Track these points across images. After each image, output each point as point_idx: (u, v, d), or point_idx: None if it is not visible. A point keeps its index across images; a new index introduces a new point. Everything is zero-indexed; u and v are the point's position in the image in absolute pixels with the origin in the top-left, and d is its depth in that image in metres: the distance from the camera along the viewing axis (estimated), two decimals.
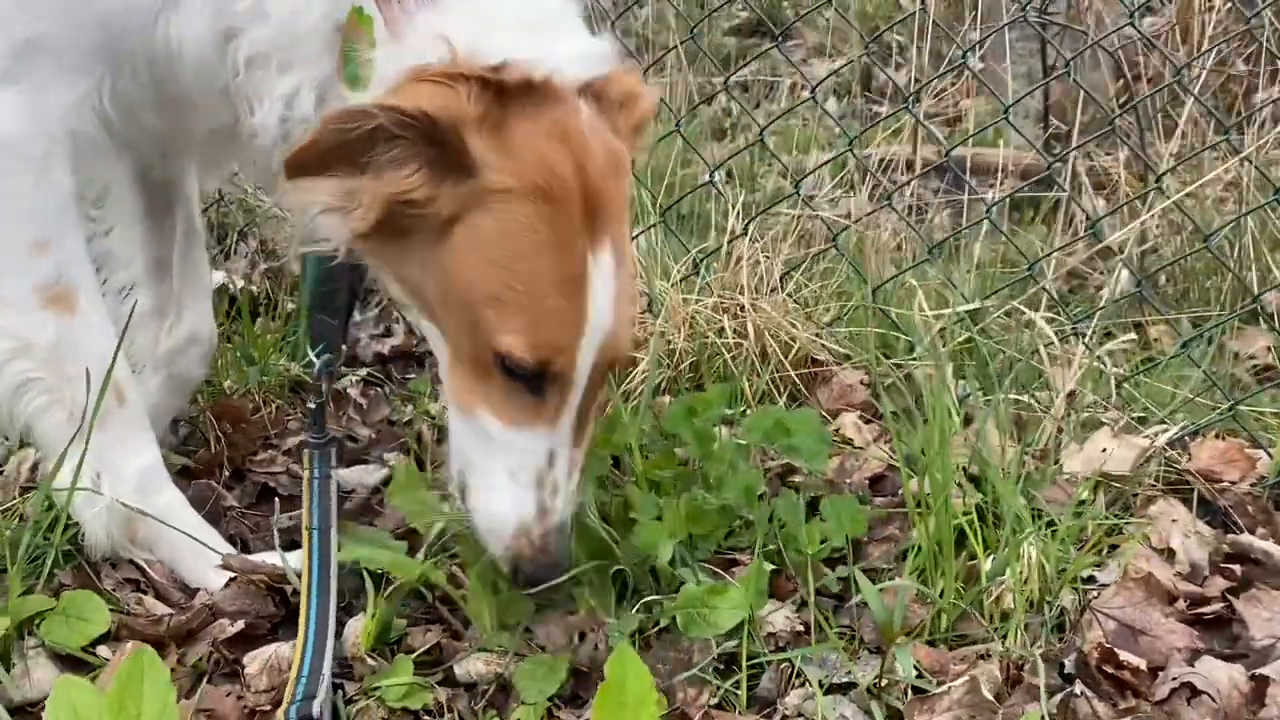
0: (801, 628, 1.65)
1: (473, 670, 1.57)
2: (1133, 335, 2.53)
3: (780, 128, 3.84)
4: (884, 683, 1.53)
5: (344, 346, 1.82)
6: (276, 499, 2.01)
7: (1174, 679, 1.53)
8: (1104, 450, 1.97)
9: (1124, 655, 1.56)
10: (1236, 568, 1.78)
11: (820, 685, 1.52)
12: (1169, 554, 1.79)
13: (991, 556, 1.70)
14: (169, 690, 1.26)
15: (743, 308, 2.37)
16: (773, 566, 1.73)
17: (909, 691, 1.52)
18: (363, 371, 2.61)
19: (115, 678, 1.28)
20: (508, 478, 1.53)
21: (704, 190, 2.96)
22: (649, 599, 1.66)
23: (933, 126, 3.91)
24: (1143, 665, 1.55)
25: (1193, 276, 3.01)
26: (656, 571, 1.70)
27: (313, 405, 1.81)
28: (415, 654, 1.59)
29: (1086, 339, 2.25)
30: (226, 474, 2.08)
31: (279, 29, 1.53)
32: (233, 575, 1.70)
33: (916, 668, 1.54)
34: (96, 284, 1.71)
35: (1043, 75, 3.79)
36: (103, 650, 1.58)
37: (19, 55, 1.52)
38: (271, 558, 1.73)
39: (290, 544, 1.82)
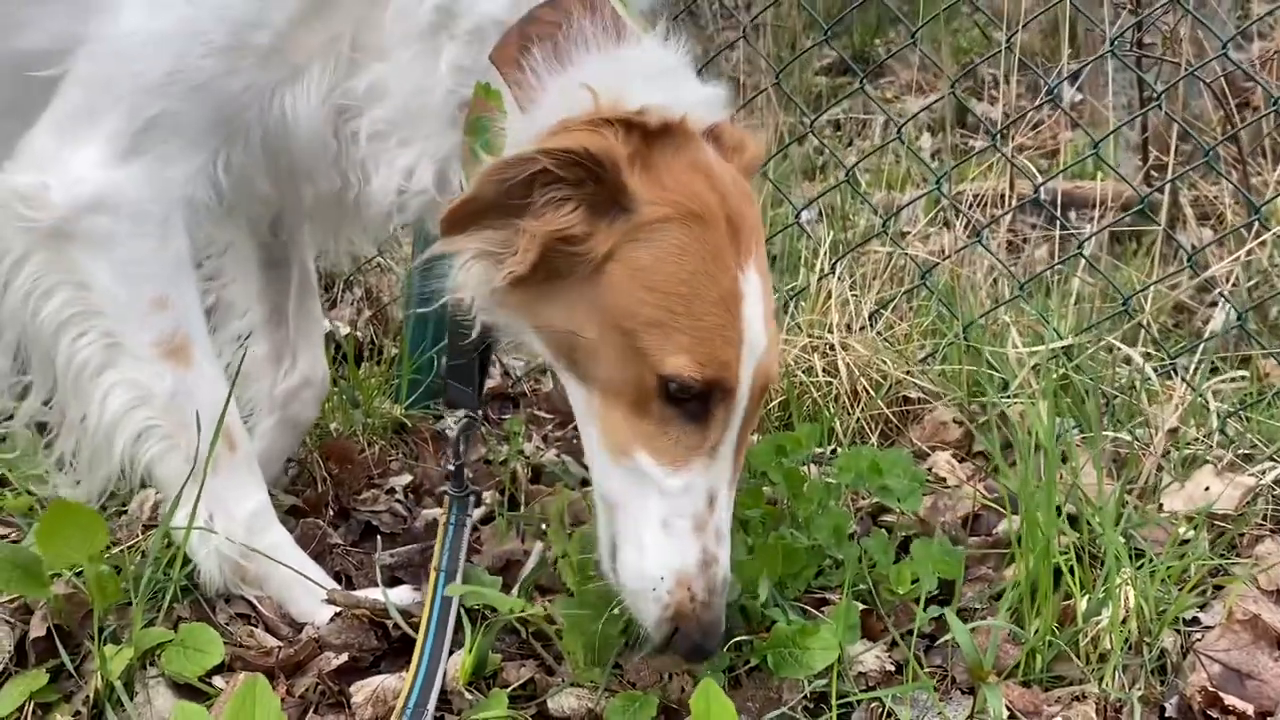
0: (892, 667, 1.65)
1: (565, 705, 1.60)
2: (1243, 372, 2.45)
3: (872, 165, 3.85)
4: None
5: (478, 410, 1.94)
6: (379, 537, 2.09)
7: None
8: (1206, 488, 1.93)
9: (1230, 700, 1.52)
10: None
11: None
12: (1278, 595, 1.74)
13: (1087, 596, 1.67)
14: (279, 718, 1.32)
15: (832, 346, 2.38)
16: (863, 605, 1.73)
17: None
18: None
19: (228, 706, 1.35)
20: (661, 526, 1.48)
21: (795, 229, 2.99)
22: (739, 638, 1.67)
23: (1028, 160, 3.86)
24: (1250, 711, 1.51)
25: None
26: (746, 610, 1.72)
27: (452, 467, 1.95)
28: (510, 688, 1.62)
29: (1189, 374, 2.19)
30: (332, 512, 2.16)
31: (401, 107, 1.62)
32: (338, 610, 1.77)
33: (1009, 708, 1.52)
34: (208, 337, 1.81)
35: (1139, 107, 3.73)
36: (217, 680, 1.64)
37: (145, 131, 1.63)
38: (374, 593, 1.80)
39: (392, 580, 1.89)
